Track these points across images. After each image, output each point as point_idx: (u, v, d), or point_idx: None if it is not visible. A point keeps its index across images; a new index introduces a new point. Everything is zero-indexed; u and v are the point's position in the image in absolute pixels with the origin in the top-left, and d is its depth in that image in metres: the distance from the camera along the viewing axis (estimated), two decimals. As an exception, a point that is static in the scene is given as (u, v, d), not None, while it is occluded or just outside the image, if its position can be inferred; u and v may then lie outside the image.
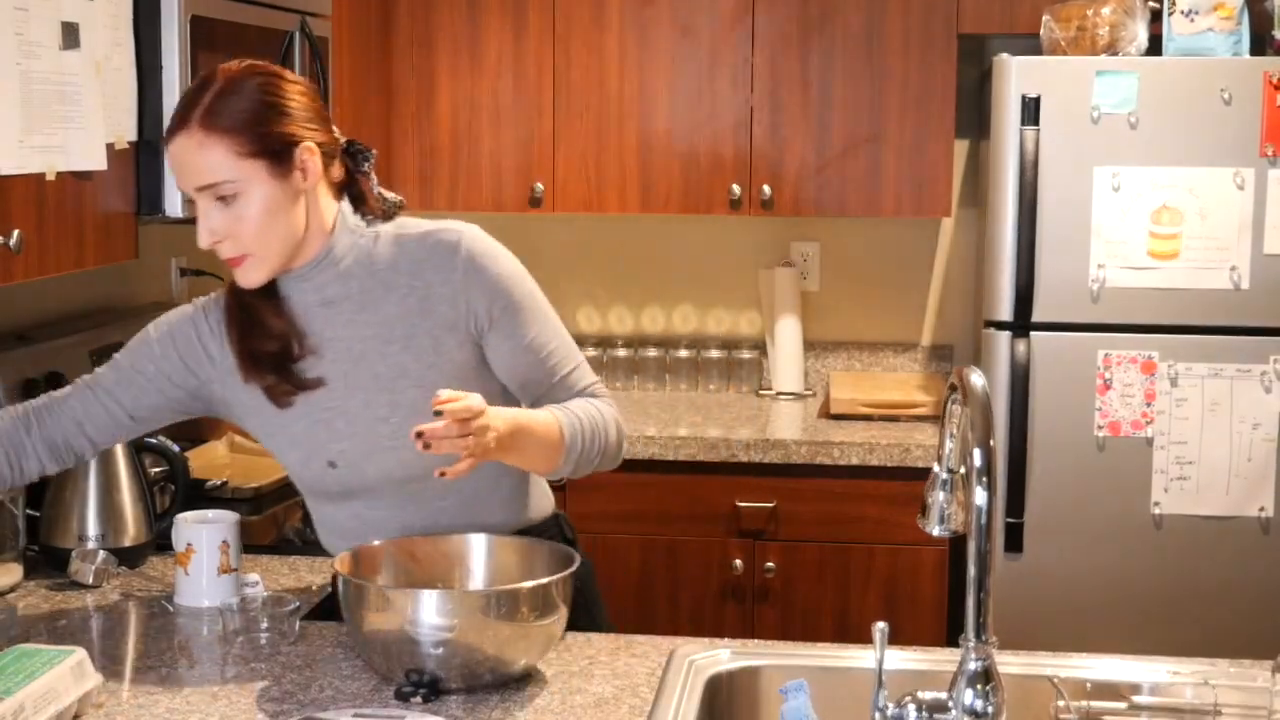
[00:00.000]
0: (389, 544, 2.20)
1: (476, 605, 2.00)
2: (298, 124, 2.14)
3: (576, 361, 2.29)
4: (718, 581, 3.77)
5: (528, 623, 2.01)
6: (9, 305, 2.95)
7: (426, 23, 4.07)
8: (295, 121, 2.14)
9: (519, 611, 2.00)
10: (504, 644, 2.01)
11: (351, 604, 2.04)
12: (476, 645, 1.99)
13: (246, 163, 2.10)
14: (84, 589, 2.49)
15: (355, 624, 2.04)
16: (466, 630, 1.98)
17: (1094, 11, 3.65)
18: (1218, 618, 3.60)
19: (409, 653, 1.99)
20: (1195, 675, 2.12)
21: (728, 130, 4.01)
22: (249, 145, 2.10)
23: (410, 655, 1.99)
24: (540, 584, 2.03)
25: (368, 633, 2.02)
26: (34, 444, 2.28)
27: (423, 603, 1.98)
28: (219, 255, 2.18)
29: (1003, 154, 3.61)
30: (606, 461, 2.27)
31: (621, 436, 2.28)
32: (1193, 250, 3.56)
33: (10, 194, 2.22)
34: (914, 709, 1.82)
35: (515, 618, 2.00)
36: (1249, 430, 3.57)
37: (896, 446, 3.71)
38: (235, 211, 2.12)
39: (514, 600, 2.01)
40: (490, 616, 1.98)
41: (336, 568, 2.10)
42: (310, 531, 2.50)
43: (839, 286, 4.39)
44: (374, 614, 2.01)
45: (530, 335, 2.23)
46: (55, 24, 2.29)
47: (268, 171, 2.11)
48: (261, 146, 2.10)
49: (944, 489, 1.89)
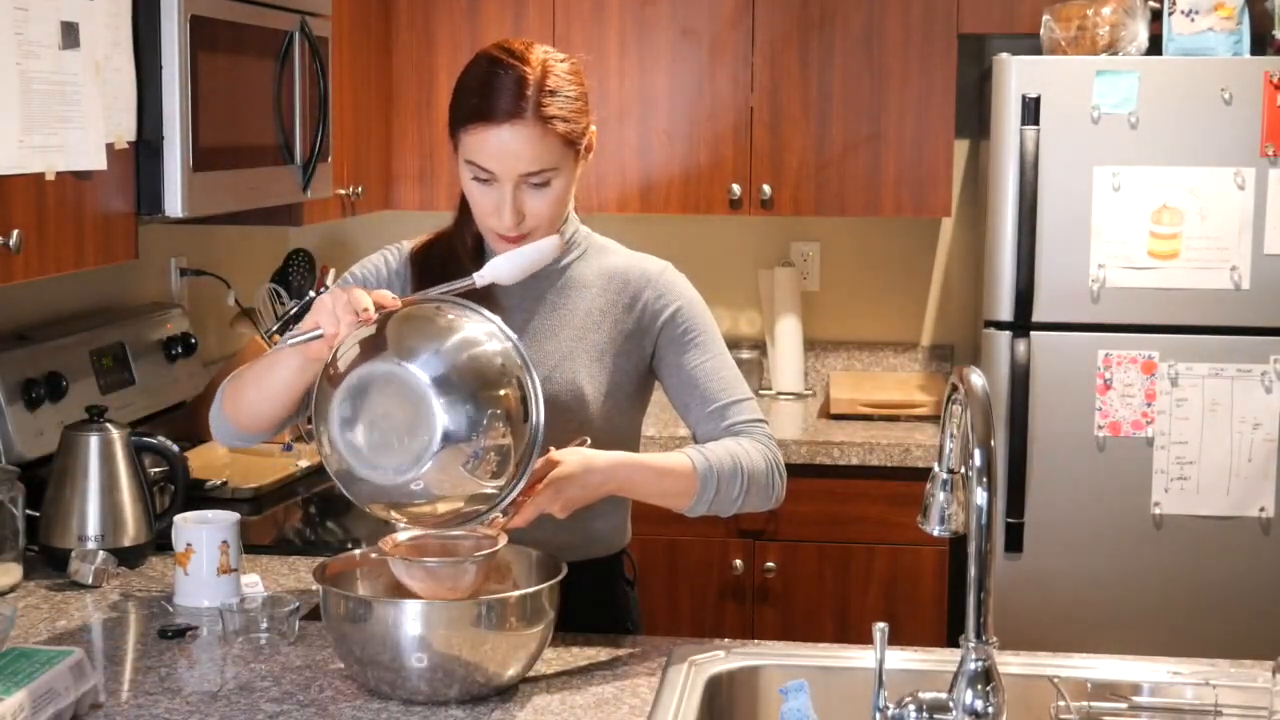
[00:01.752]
0: (371, 551, 2.15)
1: (466, 616, 1.95)
2: (590, 107, 2.26)
3: (739, 396, 2.31)
4: (718, 581, 3.77)
5: (516, 632, 1.98)
6: (9, 305, 2.95)
7: (426, 22, 4.07)
8: (589, 105, 2.25)
9: (507, 621, 1.97)
10: (491, 655, 1.96)
11: (333, 615, 1.99)
12: (463, 657, 1.94)
13: (569, 151, 2.21)
14: (84, 589, 2.49)
15: (337, 635, 2.00)
16: (453, 642, 1.93)
17: (1094, 11, 3.65)
18: (1218, 618, 3.60)
19: (392, 665, 1.94)
20: (1196, 675, 2.12)
21: (728, 130, 4.01)
22: (575, 134, 2.20)
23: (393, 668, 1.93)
24: (527, 593, 1.99)
25: (350, 644, 1.98)
26: None
27: (405, 613, 1.94)
28: (503, 230, 2.20)
29: (1003, 154, 3.61)
30: (756, 499, 2.26)
31: (774, 474, 2.27)
32: (1193, 250, 3.56)
33: (10, 194, 2.22)
34: (914, 709, 1.82)
35: (504, 627, 1.97)
36: (1249, 430, 3.57)
37: (896, 446, 3.71)
38: (546, 195, 2.21)
39: (502, 610, 1.96)
40: (480, 627, 1.94)
41: (315, 577, 2.05)
42: (310, 532, 2.50)
43: (839, 286, 4.39)
44: (354, 625, 1.97)
45: (696, 361, 2.31)
46: (55, 24, 2.29)
47: (575, 155, 2.23)
48: (581, 133, 2.22)
49: (944, 489, 1.89)
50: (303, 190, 3.14)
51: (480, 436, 1.94)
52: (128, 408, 3.06)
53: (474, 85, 2.20)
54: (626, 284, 2.32)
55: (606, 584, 2.39)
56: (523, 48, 2.22)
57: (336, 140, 3.40)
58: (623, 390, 2.31)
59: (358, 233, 4.42)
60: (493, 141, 2.16)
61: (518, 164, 2.16)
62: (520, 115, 2.15)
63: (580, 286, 2.32)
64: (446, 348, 1.96)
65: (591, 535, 2.32)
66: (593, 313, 2.30)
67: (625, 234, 2.51)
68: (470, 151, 2.19)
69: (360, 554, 2.16)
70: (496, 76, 2.17)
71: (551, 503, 2.07)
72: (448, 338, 1.98)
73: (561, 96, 2.18)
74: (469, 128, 2.18)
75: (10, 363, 2.77)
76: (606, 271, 2.34)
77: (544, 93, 2.16)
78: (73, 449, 2.61)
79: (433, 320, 2.01)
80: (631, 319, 2.31)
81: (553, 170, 2.19)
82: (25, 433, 2.75)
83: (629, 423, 2.35)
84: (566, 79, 2.20)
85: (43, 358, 2.85)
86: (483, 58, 2.23)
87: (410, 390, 1.93)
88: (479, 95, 2.18)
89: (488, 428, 1.95)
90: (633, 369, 2.31)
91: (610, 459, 2.15)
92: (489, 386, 1.97)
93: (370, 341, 1.97)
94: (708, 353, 2.32)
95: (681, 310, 2.32)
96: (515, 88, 2.16)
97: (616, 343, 2.30)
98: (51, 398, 2.83)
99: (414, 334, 1.98)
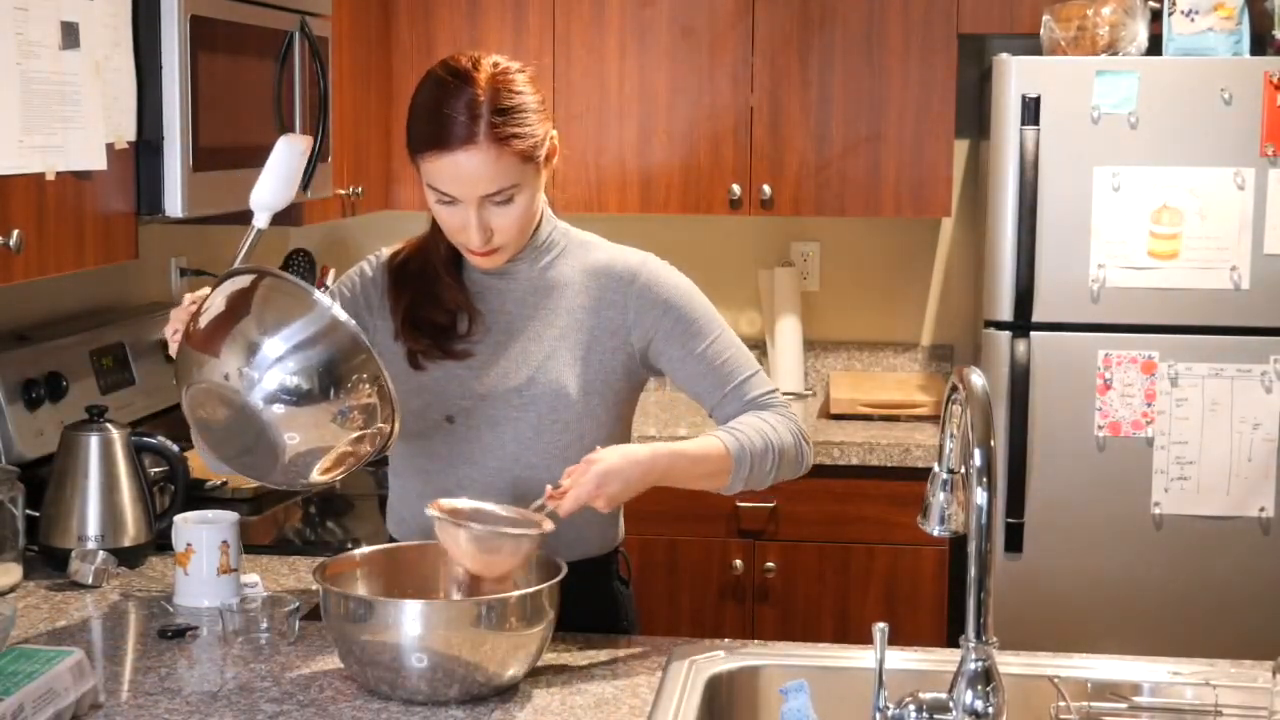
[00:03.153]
0: (371, 551, 2.16)
1: (466, 616, 1.95)
2: (547, 113, 2.22)
3: (749, 371, 2.34)
4: (718, 581, 3.77)
5: (516, 632, 1.97)
6: (9, 305, 2.95)
7: (426, 23, 4.07)
8: (546, 112, 2.22)
9: (507, 622, 1.96)
10: (491, 655, 1.95)
11: (333, 614, 1.99)
12: (463, 657, 1.94)
13: (529, 165, 2.18)
14: (84, 589, 2.49)
15: (338, 635, 2.00)
16: (453, 642, 1.93)
17: (1094, 11, 3.65)
18: (1218, 618, 3.60)
19: (392, 665, 1.93)
20: (1195, 675, 2.12)
21: (728, 130, 4.01)
22: (532, 148, 2.17)
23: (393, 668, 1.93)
24: (527, 593, 1.99)
25: (350, 644, 1.97)
26: None
27: (405, 613, 1.94)
28: (472, 247, 2.21)
29: (1003, 154, 3.61)
30: (787, 470, 2.31)
31: (801, 444, 2.31)
32: (1193, 250, 3.56)
33: (10, 194, 2.22)
34: (914, 709, 1.82)
35: (504, 628, 1.96)
36: (1249, 430, 3.57)
37: (896, 446, 3.71)
38: (511, 210, 2.19)
39: (502, 610, 1.96)
40: (480, 627, 1.94)
41: (315, 577, 2.05)
42: (310, 532, 2.50)
43: (839, 286, 4.39)
44: (354, 625, 1.96)
45: (700, 347, 2.31)
46: (55, 24, 2.29)
47: (536, 167, 2.20)
48: (539, 144, 2.19)
49: (944, 489, 1.89)
50: (303, 190, 3.14)
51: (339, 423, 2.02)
52: (128, 408, 3.05)
53: (424, 111, 2.18)
54: (610, 279, 2.31)
55: (599, 583, 2.39)
56: (469, 65, 2.18)
57: (336, 140, 3.40)
58: (611, 388, 2.31)
59: (358, 233, 4.42)
60: (449, 168, 2.14)
61: (477, 186, 2.15)
62: (473, 140, 2.13)
63: (561, 285, 2.30)
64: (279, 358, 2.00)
65: (583, 535, 2.32)
66: (575, 311, 2.29)
67: (625, 234, 2.51)
68: (429, 176, 2.17)
69: (360, 554, 2.16)
70: (445, 101, 2.15)
71: (595, 497, 2.09)
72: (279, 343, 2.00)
73: (515, 113, 2.15)
74: (424, 155, 2.16)
75: (10, 363, 2.77)
76: (588, 268, 2.32)
77: (496, 113, 2.13)
78: (73, 449, 2.62)
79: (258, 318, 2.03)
80: (616, 314, 2.30)
81: (513, 187, 2.17)
82: (25, 433, 2.75)
83: (619, 417, 2.35)
84: (518, 93, 2.17)
85: (43, 358, 2.85)
86: (430, 80, 2.20)
87: (252, 417, 2.00)
88: (431, 121, 2.15)
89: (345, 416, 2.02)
90: (620, 365, 2.31)
91: (649, 452, 2.16)
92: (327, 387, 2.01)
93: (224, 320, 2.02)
94: (708, 336, 2.32)
95: (671, 302, 2.31)
96: (467, 111, 2.13)
97: (602, 340, 2.29)
98: (51, 398, 2.83)
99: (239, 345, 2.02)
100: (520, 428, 2.27)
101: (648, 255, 2.36)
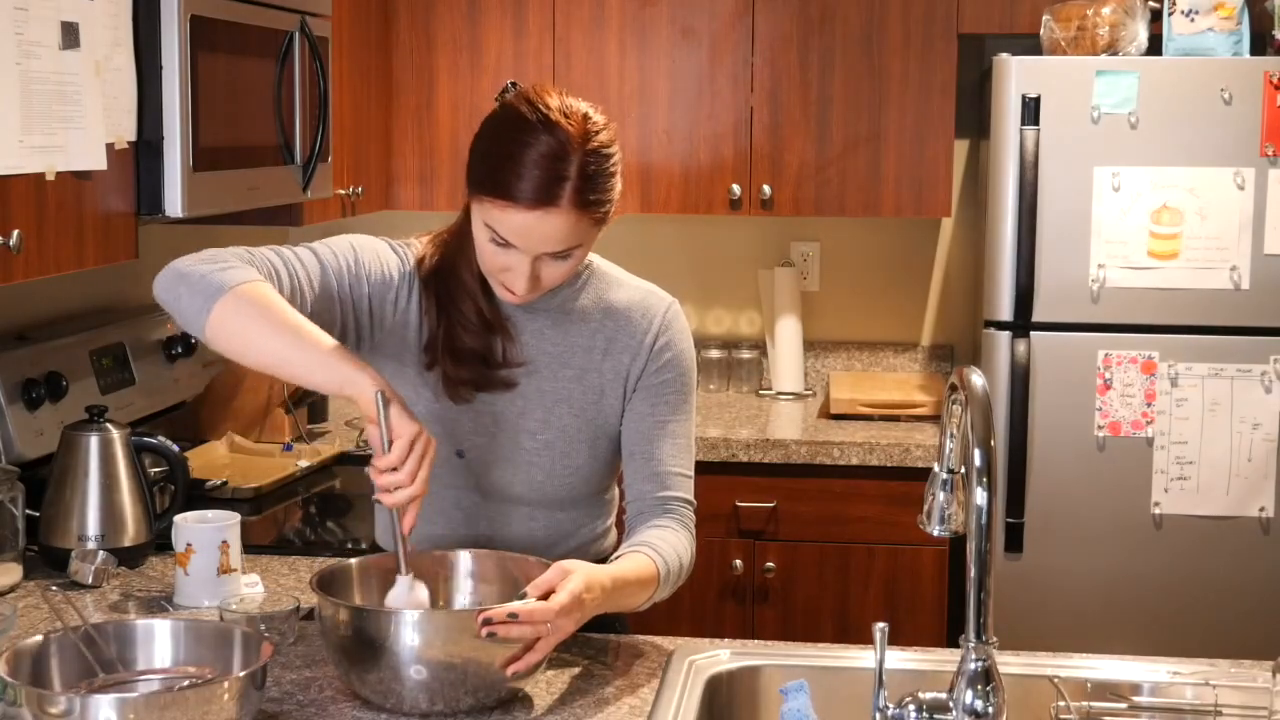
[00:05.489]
0: (364, 561, 2.12)
1: (464, 625, 1.89)
2: (622, 170, 2.11)
3: (683, 471, 2.25)
4: (718, 581, 3.77)
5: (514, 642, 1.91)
6: (9, 305, 2.95)
7: (426, 23, 4.07)
8: (622, 169, 2.11)
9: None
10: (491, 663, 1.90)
11: (328, 625, 1.94)
12: (462, 666, 1.89)
13: (598, 227, 2.08)
14: (84, 589, 2.49)
15: (332, 645, 1.95)
16: (451, 651, 1.88)
17: (1094, 11, 3.65)
18: (1218, 618, 3.60)
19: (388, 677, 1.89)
20: (1195, 675, 2.12)
21: (728, 130, 4.01)
22: (608, 214, 2.08)
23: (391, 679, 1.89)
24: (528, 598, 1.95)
25: (345, 655, 1.93)
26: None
27: (404, 623, 1.88)
28: (516, 292, 2.09)
29: (1003, 154, 3.61)
30: (673, 590, 2.23)
31: (691, 564, 2.25)
32: (1193, 250, 3.56)
33: (10, 194, 2.22)
34: (914, 709, 1.82)
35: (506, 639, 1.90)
36: (1249, 430, 3.57)
37: (896, 446, 3.71)
38: (565, 264, 2.09)
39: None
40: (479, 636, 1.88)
41: (311, 587, 1.99)
42: (310, 532, 2.50)
43: (839, 286, 4.39)
44: (350, 635, 1.91)
45: (667, 419, 2.23)
46: (55, 24, 2.29)
47: (602, 227, 2.10)
48: (613, 210, 2.09)
49: (944, 489, 1.89)
50: (303, 190, 3.14)
51: None
52: (128, 408, 3.05)
53: (501, 155, 2.01)
54: (627, 324, 2.23)
55: None
56: (560, 114, 2.01)
57: (336, 140, 3.40)
58: (613, 426, 2.26)
59: (358, 232, 4.41)
60: (518, 221, 2.00)
61: (544, 245, 2.03)
62: (555, 204, 1.99)
63: (578, 320, 2.22)
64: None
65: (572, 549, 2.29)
66: (591, 352, 2.22)
67: (625, 233, 2.51)
68: (491, 219, 2.03)
69: (357, 562, 2.12)
70: (528, 151, 1.99)
71: (572, 624, 1.96)
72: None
73: (602, 179, 2.03)
74: (492, 200, 2.01)
75: (10, 363, 2.77)
76: (607, 306, 2.24)
77: (584, 178, 2.00)
78: (73, 449, 2.61)
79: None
80: (627, 359, 2.23)
81: (578, 247, 2.07)
82: (25, 433, 2.75)
83: (614, 453, 2.29)
84: (608, 156, 2.04)
85: (43, 358, 2.85)
86: (512, 120, 2.04)
87: None
88: (506, 170, 1.99)
89: None
90: (619, 403, 2.25)
91: (606, 581, 2.02)
92: None
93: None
94: (677, 415, 2.24)
95: (672, 361, 2.24)
96: (554, 171, 1.98)
97: (613, 385, 2.23)
98: (51, 398, 2.83)
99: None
100: (532, 472, 2.22)
101: (671, 304, 2.27)
